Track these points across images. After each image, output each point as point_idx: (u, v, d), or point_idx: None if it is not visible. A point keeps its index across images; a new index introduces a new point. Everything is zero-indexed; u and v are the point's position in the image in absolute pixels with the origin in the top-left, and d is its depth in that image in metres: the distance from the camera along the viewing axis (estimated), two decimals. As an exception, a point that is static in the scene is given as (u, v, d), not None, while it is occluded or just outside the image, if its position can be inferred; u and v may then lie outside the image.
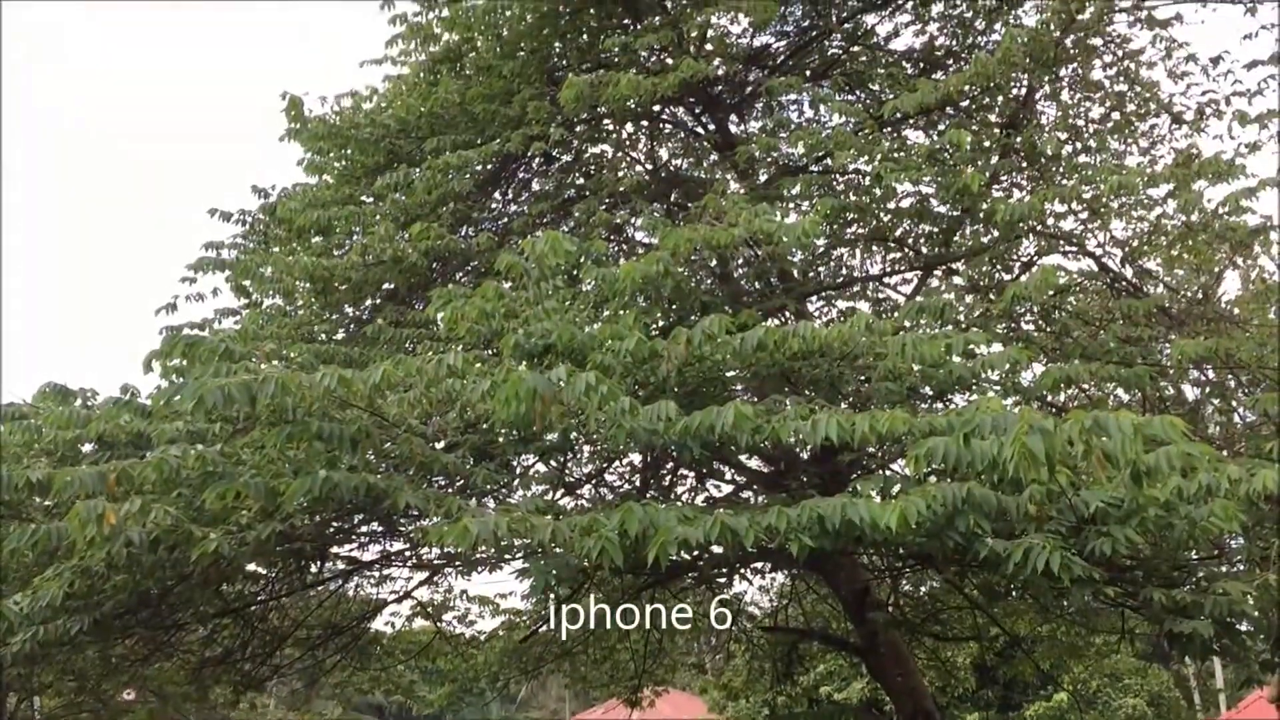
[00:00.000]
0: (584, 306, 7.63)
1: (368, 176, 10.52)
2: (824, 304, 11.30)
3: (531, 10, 10.00)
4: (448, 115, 10.42)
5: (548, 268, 6.91)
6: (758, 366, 7.27)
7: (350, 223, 9.77)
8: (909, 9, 11.35)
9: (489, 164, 10.25)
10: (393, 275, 9.61)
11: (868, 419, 5.47)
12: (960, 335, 6.37)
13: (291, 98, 10.47)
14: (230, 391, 5.37)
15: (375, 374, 5.83)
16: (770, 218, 7.34)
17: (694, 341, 6.23)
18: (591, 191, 10.34)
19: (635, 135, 11.93)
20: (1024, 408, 5.29)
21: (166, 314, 10.00)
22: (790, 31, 11.58)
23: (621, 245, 11.03)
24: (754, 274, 9.92)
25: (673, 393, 6.88)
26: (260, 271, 9.78)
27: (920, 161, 8.48)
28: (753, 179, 10.27)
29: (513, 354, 6.46)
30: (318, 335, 10.03)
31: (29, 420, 7.22)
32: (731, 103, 11.24)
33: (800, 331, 6.17)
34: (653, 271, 7.05)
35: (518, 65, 10.33)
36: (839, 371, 7.60)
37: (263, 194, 10.87)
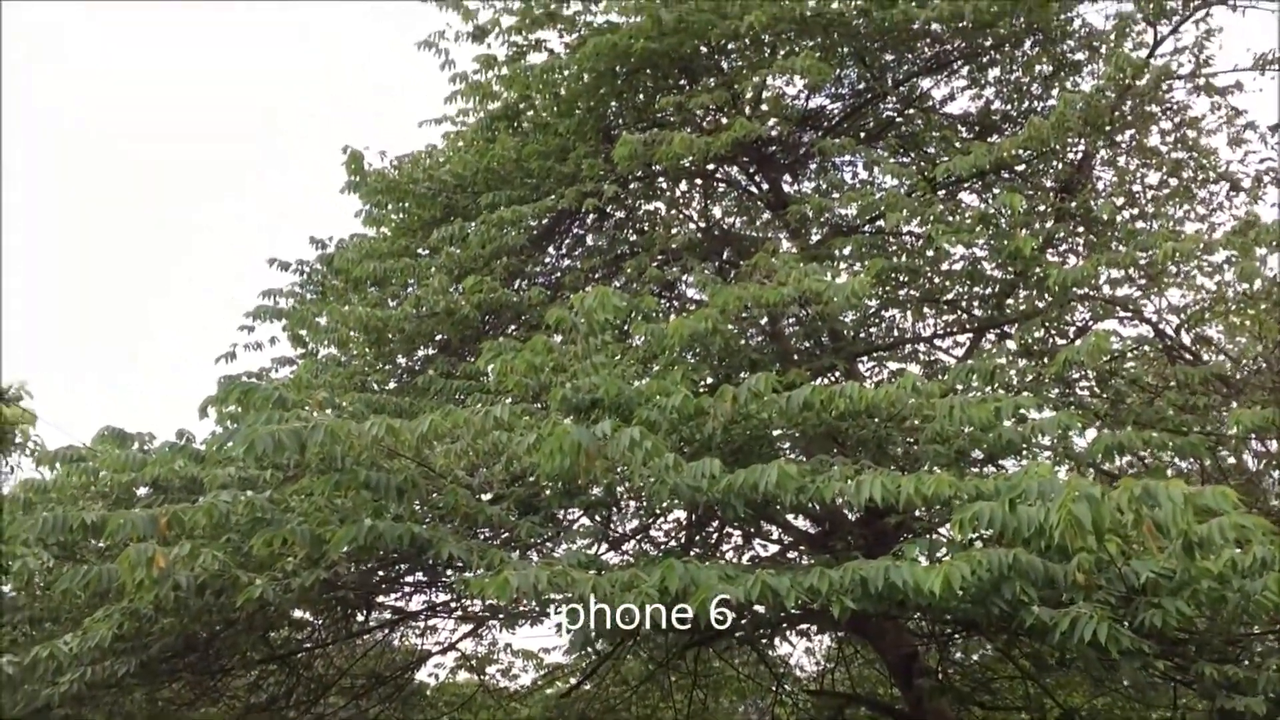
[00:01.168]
0: (632, 362, 7.68)
1: (424, 229, 10.69)
2: (875, 365, 11.25)
3: (589, 70, 10.16)
4: (504, 171, 10.58)
5: (596, 323, 6.96)
6: (804, 426, 7.24)
7: (406, 275, 9.94)
8: (965, 74, 11.39)
9: (543, 219, 10.39)
10: (445, 327, 9.73)
11: (913, 481, 5.43)
12: (1010, 399, 6.31)
13: (352, 152, 10.70)
14: (280, 438, 5.46)
15: (423, 424, 5.89)
16: (820, 277, 7.36)
17: (740, 399, 6.24)
18: (643, 248, 10.42)
19: (689, 193, 12.03)
20: (1072, 474, 5.23)
21: (225, 362, 10.20)
22: (845, 93, 11.65)
23: (673, 301, 11.09)
24: (804, 333, 9.92)
25: (718, 450, 6.88)
26: (316, 321, 9.95)
27: (973, 224, 8.46)
28: (805, 238, 10.31)
29: (560, 407, 6.52)
30: (370, 385, 10.16)
31: (87, 463, 7.38)
32: (785, 162, 11.31)
33: (847, 391, 6.15)
34: (701, 328, 7.09)
35: (574, 123, 10.48)
36: (886, 433, 7.55)
37: (320, 245, 11.08)
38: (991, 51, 10.82)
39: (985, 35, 10.16)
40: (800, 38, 10.06)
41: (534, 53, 10.99)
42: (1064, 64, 10.80)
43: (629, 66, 10.24)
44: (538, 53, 10.98)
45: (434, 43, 10.68)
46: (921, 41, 10.58)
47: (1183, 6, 9.03)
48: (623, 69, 10.28)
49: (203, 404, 6.83)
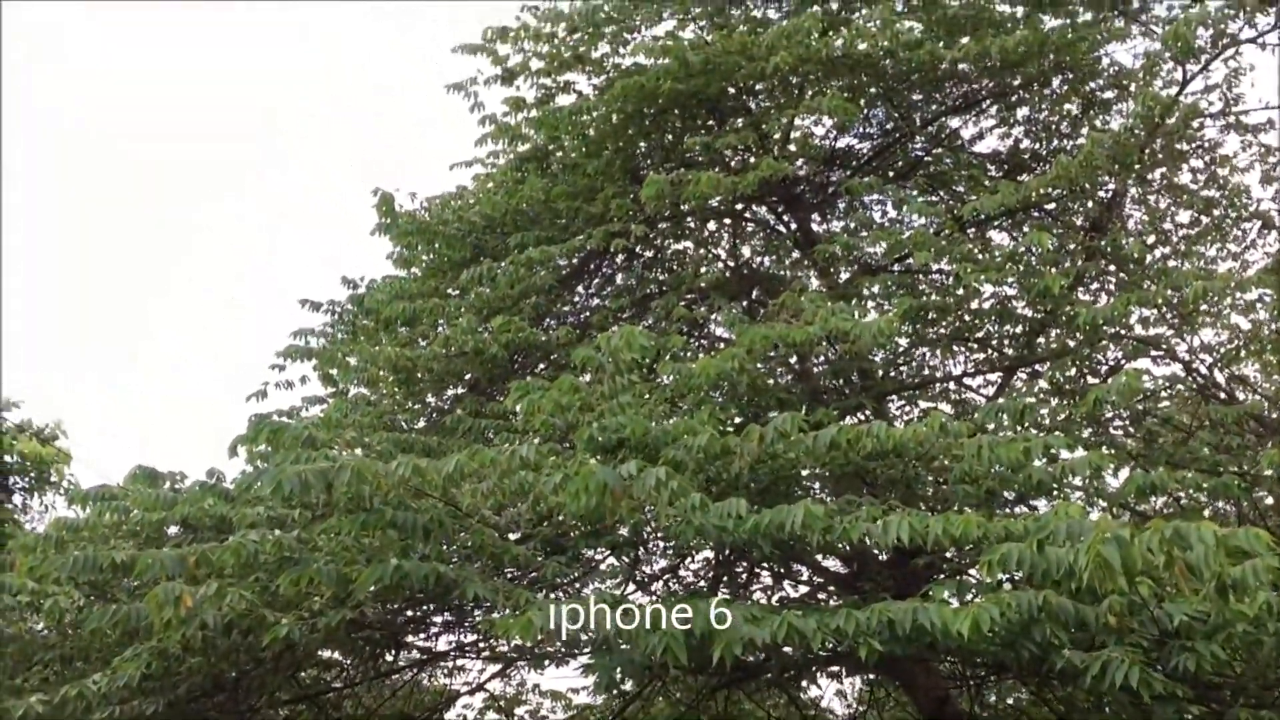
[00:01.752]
0: (659, 401, 7.68)
1: (454, 270, 10.76)
2: (904, 404, 11.19)
3: (617, 111, 10.24)
4: (532, 212, 10.66)
5: (623, 362, 6.97)
6: (832, 465, 7.21)
7: (435, 314, 10.00)
8: (993, 113, 11.39)
9: (571, 259, 10.45)
10: (474, 366, 9.77)
11: (941, 522, 5.38)
12: (1040, 439, 6.25)
13: (383, 195, 10.81)
14: (307, 478, 5.49)
15: (450, 464, 5.91)
16: (847, 316, 7.35)
17: (767, 439, 6.21)
18: (671, 287, 10.45)
19: (717, 232, 12.07)
20: (1101, 515, 5.17)
21: (257, 401, 10.29)
22: (873, 133, 11.68)
23: (700, 341, 11.09)
24: (832, 372, 9.89)
25: (745, 490, 6.85)
26: (346, 361, 10.02)
27: (1002, 263, 8.44)
28: (833, 277, 10.30)
29: (586, 447, 6.52)
30: (400, 424, 10.20)
31: (118, 502, 7.44)
32: (814, 201, 11.33)
33: (874, 431, 6.12)
34: (728, 368, 7.09)
35: (602, 164, 10.55)
36: (915, 472, 7.50)
37: (351, 285, 11.18)
38: (1020, 90, 10.82)
39: (1014, 74, 10.17)
40: (827, 78, 10.11)
41: (562, 95, 11.11)
42: (1093, 102, 10.79)
43: (657, 107, 10.31)
44: (566, 95, 11.10)
45: (464, 86, 10.81)
46: (949, 81, 10.60)
47: (1211, 45, 9.00)
48: (650, 110, 10.36)
49: (233, 443, 6.88)
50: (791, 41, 9.31)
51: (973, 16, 9.84)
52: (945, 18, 9.89)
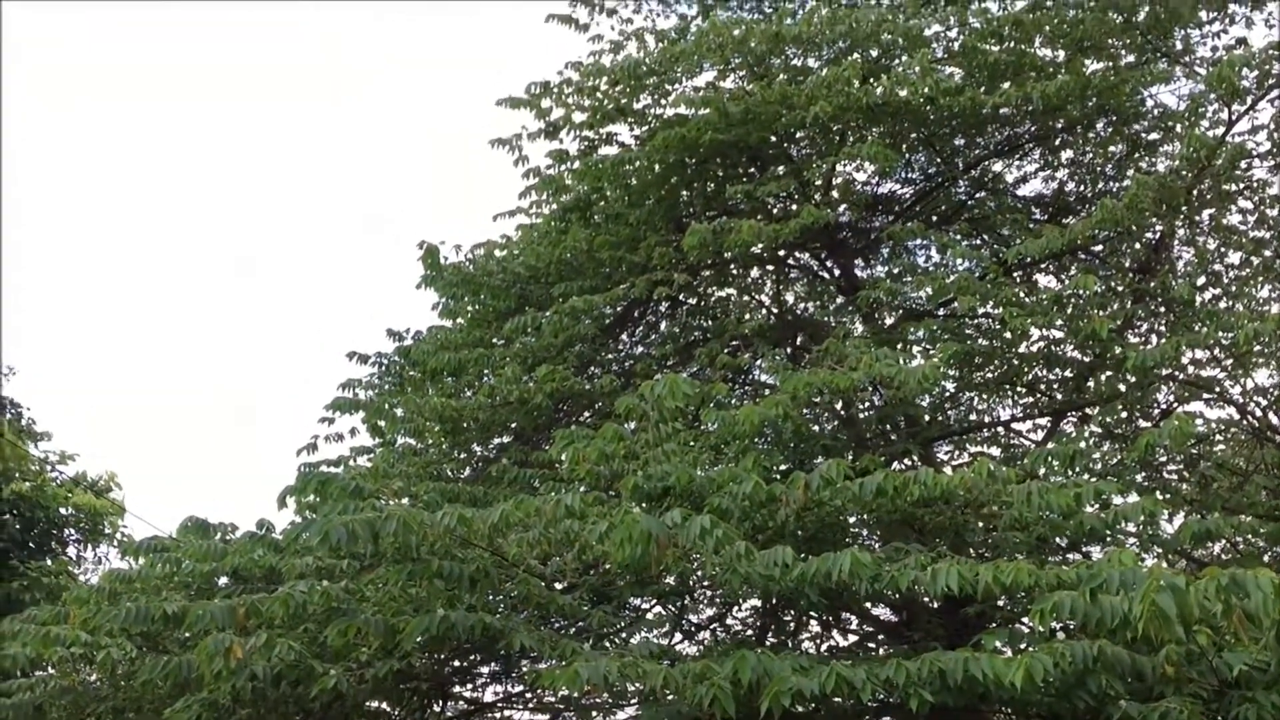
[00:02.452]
0: (704, 449, 7.67)
1: (498, 320, 10.85)
2: (952, 449, 11.08)
3: (659, 161, 10.32)
4: (576, 261, 10.74)
5: (667, 410, 6.98)
6: (879, 512, 7.15)
7: (480, 365, 10.08)
8: (1037, 156, 11.35)
9: (615, 308, 10.50)
10: (519, 416, 9.82)
11: (991, 570, 5.32)
12: (1091, 484, 6.17)
13: (428, 247, 10.94)
14: (355, 529, 5.53)
15: (495, 514, 5.93)
16: (892, 362, 7.32)
17: (812, 486, 6.18)
18: (715, 335, 10.46)
19: (760, 279, 12.08)
20: (1154, 563, 5.08)
21: (307, 453, 10.38)
22: (916, 178, 11.67)
23: (744, 387, 11.07)
24: (878, 418, 9.83)
25: (791, 538, 6.81)
26: (393, 412, 10.11)
27: (1048, 306, 8.37)
28: (878, 323, 10.27)
29: (632, 495, 6.51)
30: (446, 473, 10.26)
31: (170, 553, 7.53)
32: (857, 247, 11.32)
33: (922, 478, 6.07)
34: (772, 415, 7.07)
35: (644, 213, 10.63)
36: (964, 519, 7.42)
37: (398, 337, 11.30)
38: (1063, 133, 10.78)
39: (1056, 117, 10.14)
40: (868, 125, 10.14)
41: (605, 146, 11.22)
42: (1138, 144, 10.72)
43: (698, 157, 10.39)
44: (609, 146, 11.21)
45: (509, 141, 10.96)
46: (992, 125, 10.58)
47: (1257, 86, 8.94)
48: (692, 159, 10.44)
49: (281, 494, 6.95)
50: (832, 90, 9.35)
51: (1014, 62, 9.84)
52: (986, 63, 9.89)
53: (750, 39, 9.89)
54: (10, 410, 17.41)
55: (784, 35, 9.82)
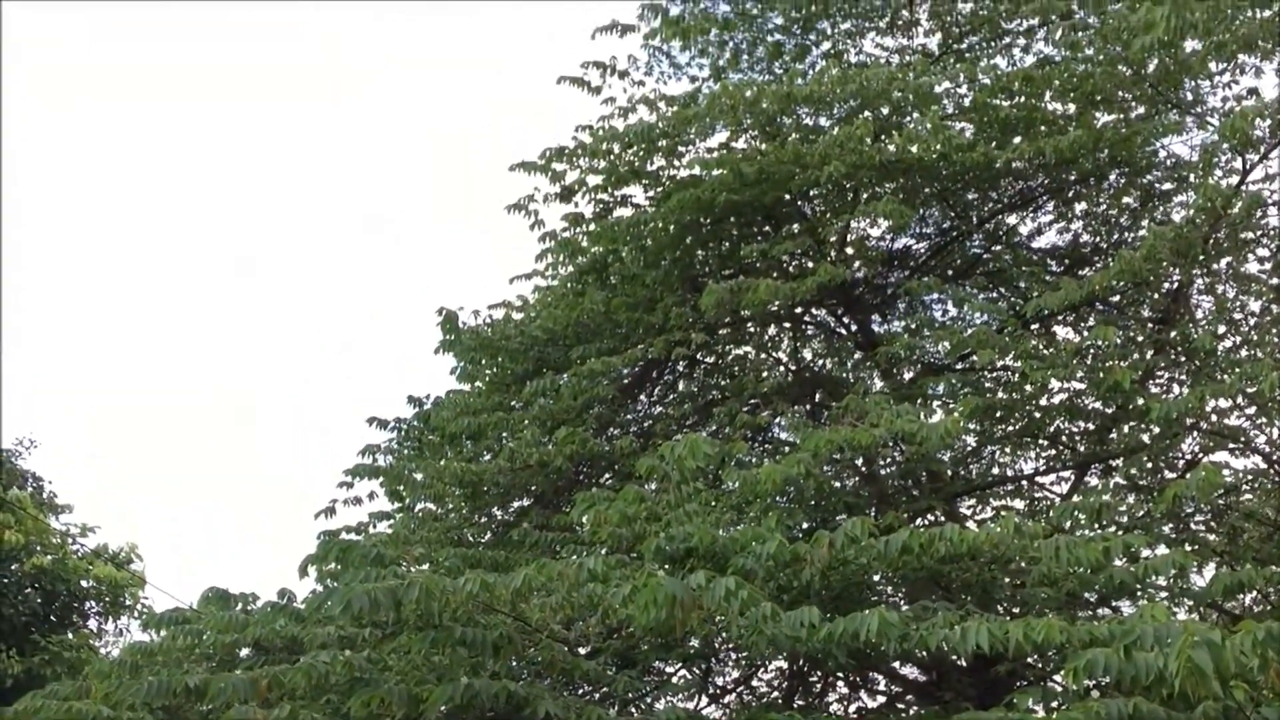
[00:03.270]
0: (726, 509, 7.62)
1: (517, 383, 10.87)
2: (976, 503, 10.98)
3: (674, 222, 10.38)
4: (593, 323, 10.77)
5: (687, 470, 6.95)
6: (905, 570, 7.07)
7: (500, 428, 10.08)
8: (1051, 208, 11.37)
9: (633, 369, 10.51)
10: (539, 479, 9.80)
11: (1021, 627, 5.23)
12: (1119, 537, 6.10)
13: (447, 313, 11.00)
14: (377, 597, 5.49)
15: (518, 579, 5.89)
16: (913, 418, 7.28)
17: (837, 544, 6.12)
18: (734, 393, 10.44)
19: (777, 337, 12.08)
20: (1187, 618, 4.99)
21: (326, 518, 10.37)
22: (930, 232, 11.70)
23: (764, 446, 11.03)
24: (900, 474, 9.76)
25: (817, 597, 6.74)
26: (413, 477, 10.10)
27: (1068, 358, 8.33)
28: (896, 378, 10.24)
29: (654, 557, 6.47)
30: (467, 538, 10.22)
31: (191, 625, 7.49)
32: (873, 303, 11.32)
33: (947, 534, 6.00)
34: (794, 473, 7.03)
35: (660, 274, 10.67)
36: (991, 575, 7.33)
37: (417, 403, 11.32)
38: (1077, 185, 10.81)
39: (1069, 170, 10.18)
40: (881, 181, 10.19)
41: (620, 208, 11.30)
42: (1152, 195, 10.74)
43: (713, 217, 10.45)
44: (623, 208, 11.28)
45: (523, 205, 11.04)
46: (1005, 179, 10.63)
47: (1270, 134, 8.95)
48: (707, 219, 10.50)
49: (303, 563, 6.93)
50: (845, 149, 9.42)
51: (1024, 116, 9.91)
52: (997, 118, 9.96)
53: (762, 100, 9.98)
54: (31, 483, 17.47)
55: (795, 95, 9.91)
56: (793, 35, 11.47)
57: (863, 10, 11.16)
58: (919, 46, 11.34)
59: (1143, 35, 7.87)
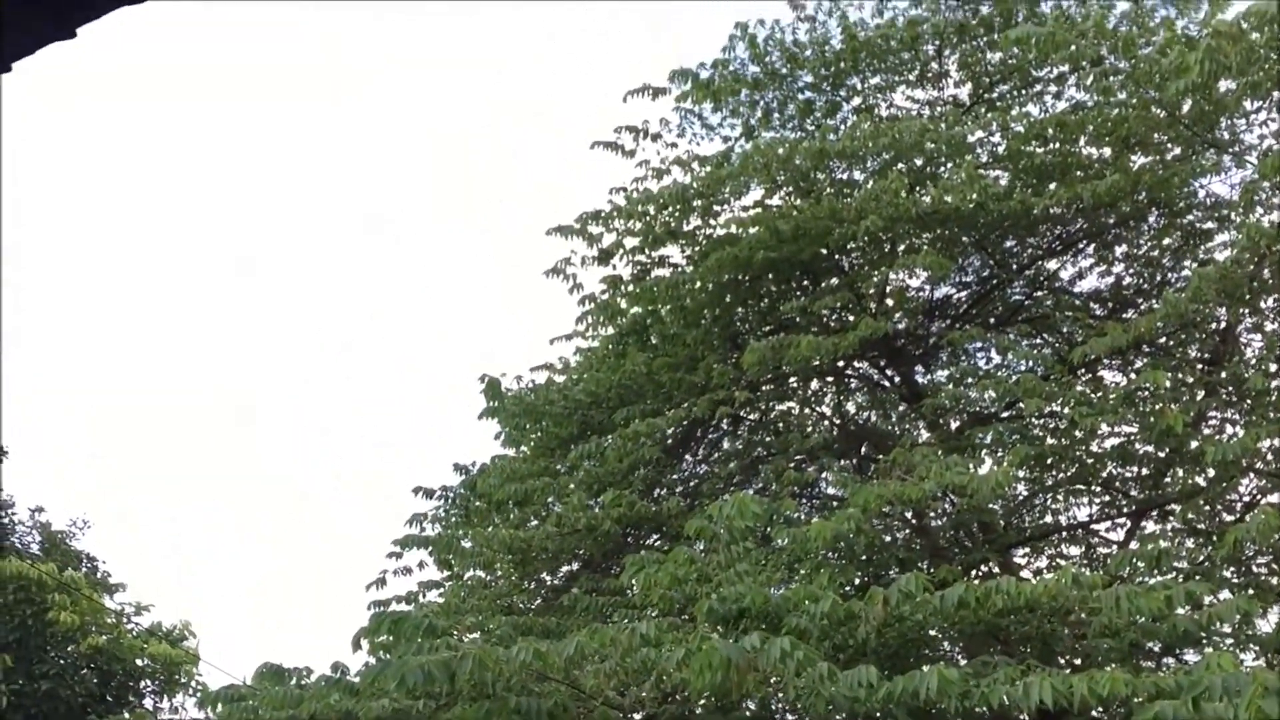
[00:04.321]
0: (777, 567, 7.56)
1: (562, 447, 10.89)
2: (1030, 553, 10.81)
3: (713, 280, 10.42)
4: (636, 385, 10.78)
5: (737, 530, 6.91)
6: (962, 625, 6.96)
7: (546, 493, 10.09)
8: (1091, 252, 11.31)
9: (677, 429, 10.49)
10: (587, 543, 9.78)
11: (1085, 680, 5.14)
12: (1181, 585, 5.98)
13: (490, 380, 11.07)
14: (430, 669, 5.49)
15: (570, 646, 5.87)
16: (962, 470, 7.22)
17: (892, 601, 6.06)
18: (779, 450, 10.39)
19: (821, 391, 12.03)
20: (1256, 668, 4.88)
21: (376, 589, 10.38)
22: (970, 281, 11.66)
23: (813, 502, 10.95)
24: (952, 526, 9.65)
25: (873, 655, 6.64)
26: (461, 545, 10.11)
27: (1117, 404, 8.24)
28: (943, 429, 10.15)
29: (707, 619, 6.42)
30: (517, 605, 10.19)
31: (247, 702, 7.49)
32: (916, 354, 11.27)
33: (1004, 587, 5.93)
34: (844, 529, 6.98)
35: (701, 333, 10.70)
36: (1051, 628, 7.20)
37: (463, 471, 11.35)
38: (1116, 229, 10.75)
39: (1108, 214, 10.13)
40: (918, 232, 10.19)
41: (658, 268, 11.36)
42: (1193, 235, 10.66)
43: (751, 274, 10.48)
44: (661, 268, 11.34)
45: (560, 269, 11.13)
46: (1043, 225, 10.59)
47: (1311, 169, 8.87)
48: (745, 277, 10.52)
49: (355, 637, 6.93)
50: (880, 202, 9.44)
51: (1059, 162, 9.89)
52: (1032, 165, 9.96)
53: (795, 156, 10.04)
54: (86, 564, 17.65)
55: (828, 151, 9.96)
56: (823, 92, 11.54)
57: (891, 65, 11.22)
58: (950, 98, 11.38)
59: (1176, 79, 7.86)
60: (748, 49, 11.44)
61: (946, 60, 11.19)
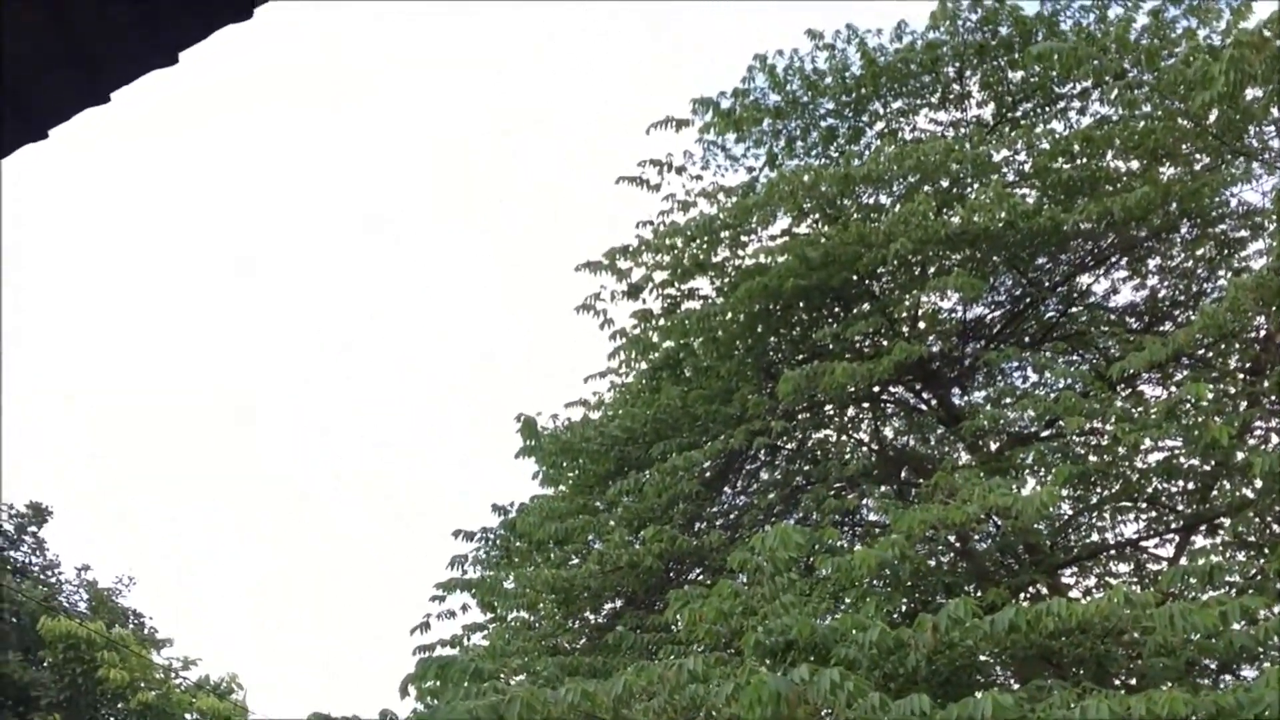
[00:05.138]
0: (822, 597, 7.50)
1: (600, 484, 10.88)
2: (1078, 573, 10.67)
3: (744, 311, 10.41)
4: (671, 419, 10.77)
5: (780, 561, 6.87)
6: (1013, 649, 6.87)
7: (586, 531, 10.06)
8: (1124, 265, 11.22)
9: (715, 462, 10.45)
10: (630, 580, 9.72)
11: (1143, 701, 5.06)
12: (1235, 600, 5.88)
13: (526, 420, 11.08)
14: (478, 715, 5.47)
15: (618, 684, 5.83)
16: (1005, 491, 7.14)
17: (941, 627, 5.99)
18: (819, 479, 10.33)
19: (857, 418, 11.97)
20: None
21: (420, 633, 10.35)
22: (1003, 300, 11.59)
23: (855, 529, 10.87)
24: (997, 548, 9.54)
25: (925, 683, 6.55)
26: (504, 587, 10.08)
27: (1159, 418, 8.14)
28: (983, 450, 10.07)
29: (754, 653, 6.37)
30: (562, 645, 10.14)
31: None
32: (951, 376, 11.20)
33: (1054, 609, 5.85)
34: (888, 556, 6.92)
35: (734, 364, 10.68)
36: (1105, 649, 7.09)
37: (502, 511, 11.35)
38: (1148, 241, 10.67)
39: (1139, 226, 10.06)
40: (948, 253, 10.15)
41: (688, 301, 11.37)
42: (1227, 243, 10.56)
43: (782, 303, 10.47)
44: (691, 300, 11.35)
45: (590, 305, 11.17)
46: (1074, 241, 10.53)
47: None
48: (776, 306, 10.52)
49: (403, 683, 6.93)
50: (909, 225, 9.42)
51: (1087, 177, 9.84)
52: (1060, 181, 9.91)
53: (820, 183, 10.06)
54: (133, 620, 17.77)
55: (853, 176, 9.97)
56: (845, 118, 11.56)
57: (913, 88, 11.23)
58: (973, 118, 11.37)
59: (1202, 90, 7.82)
60: (767, 79, 11.49)
61: (968, 81, 11.19)
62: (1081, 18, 10.60)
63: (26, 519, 19.87)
